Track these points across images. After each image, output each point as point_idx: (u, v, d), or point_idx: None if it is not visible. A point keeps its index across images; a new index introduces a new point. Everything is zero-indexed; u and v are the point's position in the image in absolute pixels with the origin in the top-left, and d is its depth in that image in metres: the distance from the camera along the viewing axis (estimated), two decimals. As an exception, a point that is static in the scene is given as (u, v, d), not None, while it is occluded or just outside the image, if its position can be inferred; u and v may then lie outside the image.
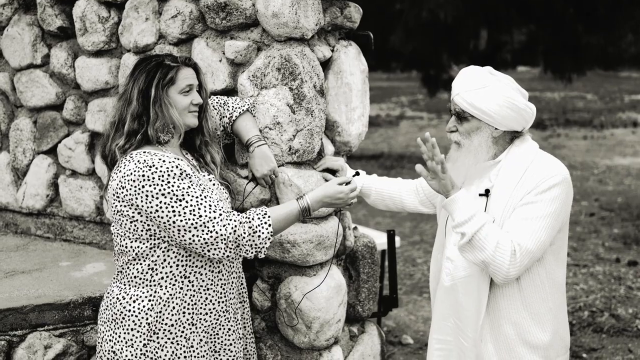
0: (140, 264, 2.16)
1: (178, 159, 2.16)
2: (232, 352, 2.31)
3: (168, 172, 2.07)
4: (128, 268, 2.18)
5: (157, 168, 2.07)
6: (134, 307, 2.15)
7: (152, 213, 2.07)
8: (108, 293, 2.25)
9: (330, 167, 2.61)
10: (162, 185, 2.05)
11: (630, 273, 5.86)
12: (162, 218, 2.07)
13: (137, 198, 2.07)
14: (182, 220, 2.05)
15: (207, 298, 2.23)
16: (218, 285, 2.26)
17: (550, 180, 2.10)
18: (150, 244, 2.14)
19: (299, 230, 2.53)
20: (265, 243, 2.13)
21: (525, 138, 2.24)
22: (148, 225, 2.12)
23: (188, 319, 2.20)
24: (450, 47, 11.94)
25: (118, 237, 2.18)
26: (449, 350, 2.36)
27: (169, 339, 2.18)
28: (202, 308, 2.22)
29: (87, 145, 3.21)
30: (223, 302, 2.27)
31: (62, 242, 3.38)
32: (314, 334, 2.59)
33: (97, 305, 2.62)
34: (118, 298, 2.18)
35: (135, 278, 2.17)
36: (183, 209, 2.05)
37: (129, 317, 2.15)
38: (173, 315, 2.17)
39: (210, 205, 2.08)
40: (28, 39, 3.31)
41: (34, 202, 3.43)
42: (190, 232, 2.06)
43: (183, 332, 2.19)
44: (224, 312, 2.28)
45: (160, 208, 2.06)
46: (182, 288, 2.18)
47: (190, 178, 2.11)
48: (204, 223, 2.06)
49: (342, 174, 2.59)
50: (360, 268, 2.85)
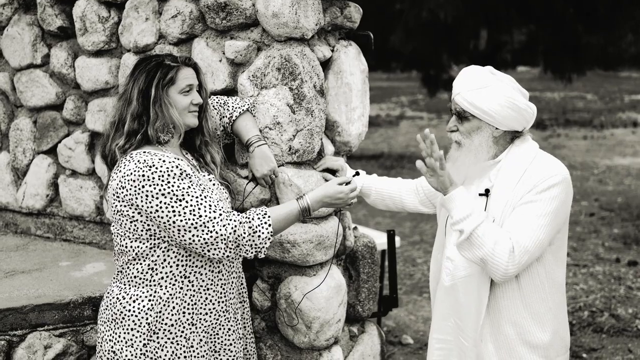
0: (140, 264, 2.16)
1: (178, 159, 2.16)
2: (232, 352, 2.31)
3: (168, 172, 2.07)
4: (128, 268, 2.18)
5: (157, 168, 2.07)
6: (134, 307, 2.15)
7: (152, 213, 2.07)
8: (108, 293, 2.25)
9: (330, 167, 2.61)
10: (162, 185, 2.05)
11: (630, 273, 5.86)
12: (162, 218, 2.06)
13: (137, 198, 2.07)
14: (182, 220, 2.05)
15: (207, 298, 2.23)
16: (218, 285, 2.25)
17: (550, 180, 2.10)
18: (150, 244, 2.14)
19: (299, 230, 2.53)
20: (265, 243, 2.13)
21: (526, 138, 2.23)
22: (148, 225, 2.11)
23: (188, 319, 2.20)
24: (450, 47, 11.94)
25: (118, 237, 2.18)
26: (449, 350, 2.36)
27: (169, 339, 2.18)
28: (202, 308, 2.22)
29: (87, 145, 3.21)
30: (223, 302, 2.27)
31: (62, 242, 3.38)
32: (314, 334, 2.59)
33: (97, 305, 2.62)
34: (118, 298, 2.18)
35: (135, 278, 2.17)
36: (183, 209, 2.05)
37: (129, 317, 2.15)
38: (173, 315, 2.17)
39: (210, 205, 2.08)
40: (28, 39, 3.30)
41: (34, 202, 3.43)
42: (190, 232, 2.06)
43: (183, 332, 2.19)
44: (224, 312, 2.28)
45: (160, 208, 2.06)
46: (182, 288, 2.18)
47: (190, 178, 2.11)
48: (204, 223, 2.06)
49: (342, 174, 2.59)
50: (360, 268, 2.85)
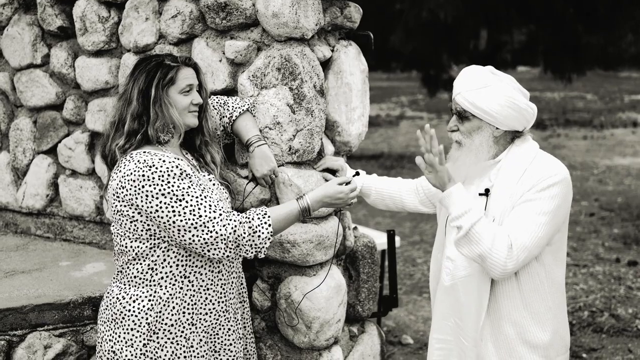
0: (140, 264, 2.15)
1: (178, 159, 2.16)
2: (232, 352, 2.31)
3: (168, 172, 2.07)
4: (128, 268, 2.18)
5: (157, 168, 2.06)
6: (134, 307, 2.15)
7: (152, 213, 2.07)
8: (108, 293, 2.25)
9: (330, 167, 2.61)
10: (162, 185, 2.05)
11: (630, 273, 5.86)
12: (162, 218, 2.06)
13: (137, 198, 2.07)
14: (182, 220, 2.05)
15: (207, 298, 2.22)
16: (218, 285, 2.25)
17: (550, 179, 2.10)
18: (150, 244, 2.14)
19: (299, 230, 2.53)
20: (265, 243, 2.13)
21: (526, 138, 2.23)
22: (148, 225, 2.11)
23: (188, 319, 2.20)
24: (450, 47, 11.95)
25: (118, 237, 2.18)
26: (450, 350, 2.36)
27: (169, 339, 2.18)
28: (202, 308, 2.22)
29: (87, 145, 3.21)
30: (223, 302, 2.27)
31: (62, 242, 3.38)
32: (314, 334, 2.59)
33: (97, 305, 2.62)
34: (118, 298, 2.18)
35: (135, 278, 2.17)
36: (183, 209, 2.05)
37: (129, 317, 2.15)
38: (173, 315, 2.17)
39: (210, 205, 2.08)
40: (28, 39, 3.30)
41: (34, 201, 3.43)
42: (190, 232, 2.06)
43: (183, 332, 2.19)
44: (224, 312, 2.28)
45: (160, 208, 2.05)
46: (182, 288, 2.18)
47: (190, 178, 2.11)
48: (204, 223, 2.06)
49: (342, 174, 2.59)
50: (360, 268, 2.85)
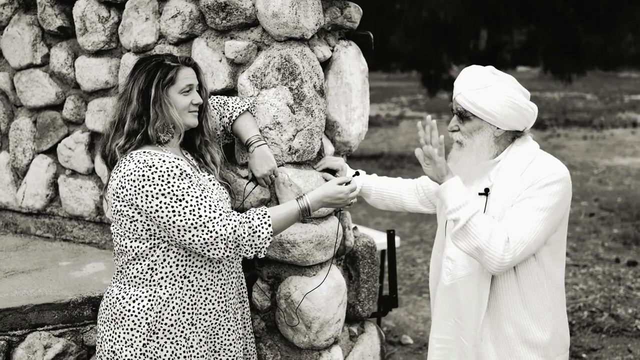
0: (140, 264, 2.15)
1: (178, 159, 2.15)
2: (231, 352, 2.31)
3: (168, 172, 2.07)
4: (128, 268, 2.18)
5: (157, 168, 2.06)
6: (134, 307, 2.15)
7: (152, 213, 2.07)
8: (108, 293, 2.25)
9: (330, 167, 2.61)
10: (162, 185, 2.05)
11: (630, 273, 5.86)
12: (162, 218, 2.06)
13: (137, 198, 2.07)
14: (182, 220, 2.05)
15: (206, 298, 2.22)
16: (218, 285, 2.25)
17: (550, 178, 2.10)
18: (150, 244, 2.14)
19: (299, 230, 2.53)
20: (265, 243, 2.13)
21: (527, 138, 2.24)
22: (148, 225, 2.11)
23: (188, 319, 2.20)
24: (450, 47, 11.94)
25: (118, 237, 2.18)
26: (450, 350, 2.36)
27: (169, 339, 2.18)
28: (201, 308, 2.22)
29: (87, 145, 3.21)
30: (223, 302, 2.27)
31: (61, 242, 3.38)
32: (314, 334, 2.59)
33: (96, 305, 2.62)
34: (118, 298, 2.18)
35: (135, 278, 2.16)
36: (183, 209, 2.05)
37: (129, 317, 2.15)
38: (173, 315, 2.17)
39: (210, 205, 2.08)
40: (28, 39, 3.30)
41: (34, 201, 3.43)
42: (190, 232, 2.06)
43: (183, 332, 2.19)
44: (224, 312, 2.28)
45: (160, 208, 2.05)
46: (181, 288, 2.18)
47: (190, 178, 2.11)
48: (204, 223, 2.06)
49: (342, 174, 2.59)
50: (360, 268, 2.85)
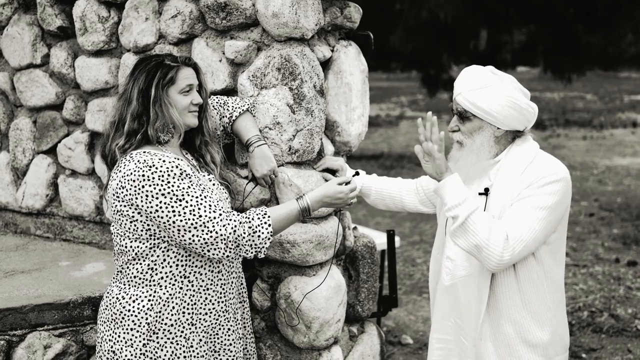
0: (140, 264, 2.15)
1: (178, 159, 2.15)
2: (231, 352, 2.31)
3: (168, 172, 2.07)
4: (128, 268, 2.18)
5: (157, 168, 2.06)
6: (134, 307, 2.15)
7: (152, 213, 2.07)
8: (108, 293, 2.25)
9: (330, 167, 2.61)
10: (162, 185, 2.05)
11: (630, 273, 5.86)
12: (162, 218, 2.06)
13: (137, 198, 2.07)
14: (182, 220, 2.05)
15: (206, 298, 2.22)
16: (218, 285, 2.25)
17: (550, 177, 2.11)
18: (150, 244, 2.14)
19: (299, 230, 2.53)
20: (265, 243, 2.13)
21: (527, 138, 2.24)
22: (148, 225, 2.11)
23: (188, 319, 2.20)
24: (450, 47, 11.94)
25: (118, 237, 2.18)
26: (450, 350, 2.36)
27: (169, 339, 2.18)
28: (201, 308, 2.22)
29: (86, 145, 3.21)
30: (223, 302, 2.27)
31: (61, 241, 3.38)
32: (314, 334, 2.59)
33: (96, 305, 2.62)
34: (118, 298, 2.18)
35: (135, 278, 2.16)
36: (183, 209, 2.05)
37: (129, 317, 2.15)
38: (173, 315, 2.17)
39: (210, 205, 2.08)
40: (28, 39, 3.30)
41: (34, 201, 3.42)
42: (190, 232, 2.06)
43: (183, 332, 2.19)
44: (224, 312, 2.28)
45: (160, 208, 2.05)
46: (181, 288, 2.18)
47: (190, 178, 2.11)
48: (204, 223, 2.06)
49: (342, 174, 2.59)
50: (360, 268, 2.85)
